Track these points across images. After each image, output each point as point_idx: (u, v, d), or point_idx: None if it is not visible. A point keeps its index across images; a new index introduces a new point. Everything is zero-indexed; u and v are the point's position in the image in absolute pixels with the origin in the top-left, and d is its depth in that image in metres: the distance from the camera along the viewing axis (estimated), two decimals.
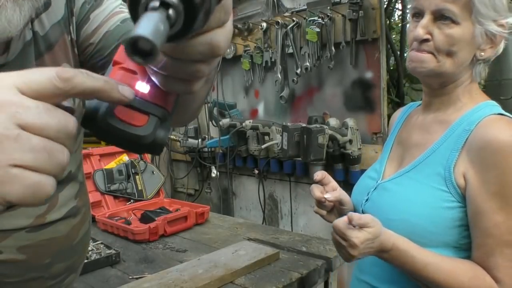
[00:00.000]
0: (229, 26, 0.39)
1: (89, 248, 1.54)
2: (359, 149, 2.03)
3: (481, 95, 0.95)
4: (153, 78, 0.40)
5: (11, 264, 0.72)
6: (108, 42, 0.71)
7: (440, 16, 0.87)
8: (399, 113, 1.15)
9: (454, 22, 0.86)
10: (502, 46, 0.91)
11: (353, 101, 2.14)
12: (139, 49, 0.29)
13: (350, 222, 0.85)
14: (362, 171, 2.05)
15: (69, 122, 0.35)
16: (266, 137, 2.36)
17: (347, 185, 2.13)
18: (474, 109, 0.90)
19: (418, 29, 0.88)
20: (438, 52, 0.88)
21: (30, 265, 0.75)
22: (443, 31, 0.87)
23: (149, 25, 0.28)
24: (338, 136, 1.99)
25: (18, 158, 0.32)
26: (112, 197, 2.16)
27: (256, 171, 2.53)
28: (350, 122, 2.03)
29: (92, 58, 0.73)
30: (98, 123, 0.38)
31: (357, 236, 0.84)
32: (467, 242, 0.87)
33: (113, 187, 2.15)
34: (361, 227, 0.84)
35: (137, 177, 2.27)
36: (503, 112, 0.88)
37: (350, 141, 2.01)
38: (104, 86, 0.35)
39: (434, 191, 0.88)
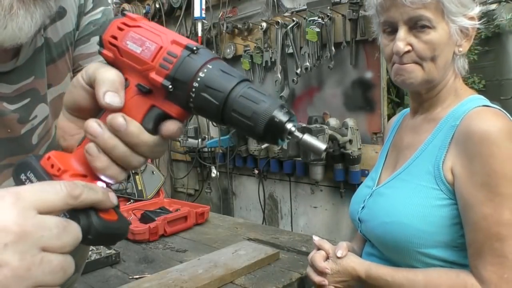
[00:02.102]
0: None
1: (89, 248, 1.54)
2: (359, 149, 2.03)
3: (466, 91, 0.95)
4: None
5: None
6: None
7: (415, 25, 0.86)
8: (393, 121, 1.15)
9: (430, 27, 0.86)
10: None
11: (353, 101, 2.14)
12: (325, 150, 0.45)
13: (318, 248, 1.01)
14: (362, 171, 2.06)
15: (79, 232, 0.39)
16: None
17: (347, 185, 2.13)
18: (459, 105, 0.90)
19: (397, 43, 0.87)
20: (422, 61, 0.88)
21: None
22: (422, 39, 0.86)
23: (318, 140, 0.45)
24: (338, 136, 1.99)
25: (41, 281, 0.35)
26: None
27: (256, 171, 2.53)
28: (350, 122, 2.03)
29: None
30: (93, 227, 0.43)
31: (326, 267, 0.96)
32: (465, 241, 0.86)
33: (113, 187, 2.14)
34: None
35: (137, 177, 2.27)
36: (488, 103, 0.88)
37: (350, 141, 2.01)
38: (103, 197, 0.42)
39: (424, 190, 0.87)
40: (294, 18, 2.21)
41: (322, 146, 0.43)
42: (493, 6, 3.50)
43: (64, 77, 0.71)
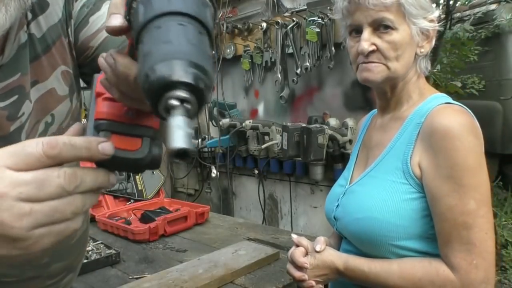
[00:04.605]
0: None
1: (89, 248, 1.54)
2: None
3: (429, 89, 1.00)
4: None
5: (8, 264, 0.72)
6: (108, 48, 0.71)
7: (378, 26, 0.92)
8: (363, 121, 1.19)
9: (393, 28, 0.91)
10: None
11: (353, 101, 2.14)
12: (181, 153, 0.32)
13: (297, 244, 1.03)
14: None
15: (64, 181, 0.40)
16: (266, 137, 2.36)
17: None
18: (424, 103, 0.95)
19: (362, 43, 0.92)
20: (387, 60, 0.93)
21: (28, 264, 0.75)
22: (385, 39, 0.92)
23: (181, 135, 0.31)
24: (338, 136, 1.99)
25: (40, 223, 0.39)
26: (112, 197, 2.16)
27: (256, 171, 2.53)
28: (350, 122, 2.03)
29: (92, 61, 0.73)
30: (105, 163, 0.43)
31: (306, 261, 0.98)
32: (435, 232, 0.89)
33: (113, 187, 2.15)
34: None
35: (137, 177, 2.27)
36: (450, 101, 0.93)
37: (350, 141, 2.01)
38: (86, 154, 0.41)
39: (394, 185, 0.91)
40: (294, 18, 2.21)
41: (176, 144, 0.31)
42: (493, 6, 3.50)
43: (52, 72, 0.70)
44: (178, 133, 0.31)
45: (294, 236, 1.07)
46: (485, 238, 0.83)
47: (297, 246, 1.04)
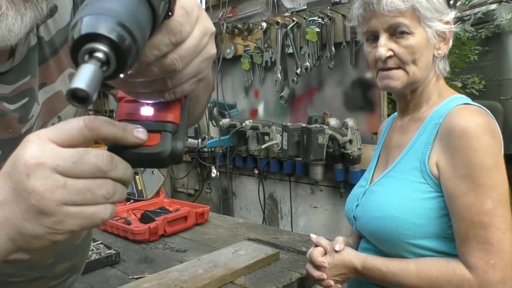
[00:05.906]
0: (185, 44, 0.43)
1: (89, 249, 1.54)
2: (359, 149, 2.03)
3: (448, 91, 1.01)
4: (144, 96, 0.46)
5: (15, 263, 0.72)
6: None
7: (394, 32, 0.93)
8: (384, 124, 1.22)
9: (409, 33, 0.92)
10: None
11: (353, 101, 2.14)
12: (78, 97, 0.33)
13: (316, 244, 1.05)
14: (362, 171, 2.05)
15: (101, 161, 0.41)
16: (266, 137, 2.36)
17: (347, 185, 2.13)
18: (443, 104, 0.96)
19: (379, 49, 0.93)
20: (404, 65, 0.94)
21: (34, 265, 0.75)
22: (401, 44, 0.93)
23: (84, 77, 0.32)
24: (338, 136, 1.99)
25: (69, 200, 0.40)
26: None
27: (256, 171, 2.53)
28: (350, 122, 2.03)
29: None
30: (120, 154, 0.44)
31: (324, 260, 1.00)
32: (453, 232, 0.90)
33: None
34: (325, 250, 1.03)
35: (137, 177, 2.27)
36: (468, 102, 0.94)
37: (350, 141, 2.01)
38: (122, 134, 0.43)
39: (412, 184, 0.92)
40: (294, 18, 2.20)
41: (74, 84, 0.32)
42: (493, 6, 3.50)
43: (59, 75, 0.71)
44: (82, 74, 0.32)
45: (313, 236, 1.08)
46: (502, 238, 0.83)
47: (316, 246, 1.05)
